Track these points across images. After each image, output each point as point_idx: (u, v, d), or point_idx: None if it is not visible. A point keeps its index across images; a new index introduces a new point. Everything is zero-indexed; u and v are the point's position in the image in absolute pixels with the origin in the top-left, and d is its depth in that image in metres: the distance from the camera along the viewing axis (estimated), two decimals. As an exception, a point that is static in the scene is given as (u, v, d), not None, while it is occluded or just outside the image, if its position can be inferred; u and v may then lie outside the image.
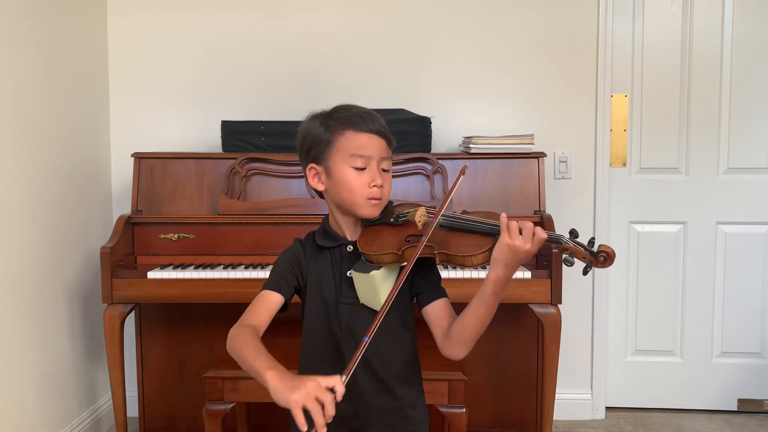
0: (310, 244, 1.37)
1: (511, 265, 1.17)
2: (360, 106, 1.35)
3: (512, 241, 1.16)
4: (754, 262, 2.93)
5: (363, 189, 1.28)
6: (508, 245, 1.16)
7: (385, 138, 1.31)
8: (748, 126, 2.89)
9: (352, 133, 1.28)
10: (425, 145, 2.59)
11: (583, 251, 1.18)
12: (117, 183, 2.90)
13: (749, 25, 2.86)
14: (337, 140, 1.29)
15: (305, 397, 1.00)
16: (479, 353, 2.67)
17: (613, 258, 1.16)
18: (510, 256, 1.17)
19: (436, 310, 1.31)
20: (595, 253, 1.17)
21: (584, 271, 1.18)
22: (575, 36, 2.83)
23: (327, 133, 1.30)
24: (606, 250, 1.16)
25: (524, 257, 1.17)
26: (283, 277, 1.31)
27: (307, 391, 1.01)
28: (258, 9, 2.85)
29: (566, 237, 1.19)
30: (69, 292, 2.55)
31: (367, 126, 1.29)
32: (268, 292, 1.30)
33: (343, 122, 1.29)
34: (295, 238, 1.39)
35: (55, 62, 2.47)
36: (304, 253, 1.35)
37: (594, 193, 2.88)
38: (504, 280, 1.18)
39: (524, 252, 1.16)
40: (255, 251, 2.45)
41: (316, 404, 1.00)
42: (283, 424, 1.33)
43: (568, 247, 1.18)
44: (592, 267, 1.17)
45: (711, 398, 2.97)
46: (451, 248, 1.22)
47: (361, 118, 1.29)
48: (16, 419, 2.21)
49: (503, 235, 1.17)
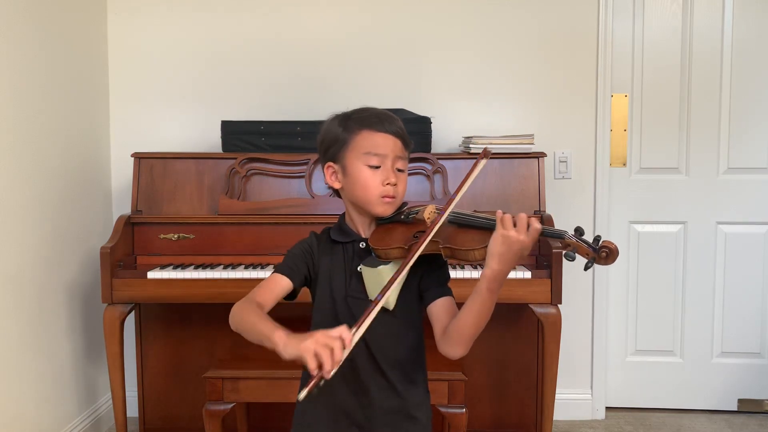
0: (325, 238, 1.39)
1: (506, 259, 1.16)
2: (379, 108, 1.37)
3: (506, 232, 1.15)
4: (754, 262, 2.93)
5: (377, 187, 1.30)
6: (501, 236, 1.15)
7: (401, 138, 1.33)
8: (748, 126, 2.89)
9: (368, 133, 1.31)
10: (425, 145, 2.59)
11: (585, 247, 1.17)
12: (117, 183, 2.90)
13: (749, 25, 2.86)
14: (353, 139, 1.31)
15: (315, 344, 1.05)
16: (479, 353, 2.67)
17: (616, 254, 1.15)
18: (504, 248, 1.15)
19: (439, 307, 1.32)
20: (598, 248, 1.16)
21: (586, 267, 1.18)
22: (575, 36, 2.83)
23: (344, 133, 1.33)
24: (608, 245, 1.16)
25: (519, 250, 1.15)
26: (295, 264, 1.34)
27: (317, 338, 1.06)
28: (258, 9, 2.85)
29: (569, 232, 1.19)
30: (69, 292, 2.55)
31: (383, 126, 1.31)
32: (278, 276, 1.33)
33: (360, 122, 1.32)
34: (312, 231, 1.42)
35: (55, 62, 2.47)
36: (318, 246, 1.37)
37: (594, 193, 2.88)
38: (499, 275, 1.17)
39: (518, 243, 1.15)
40: (255, 251, 2.45)
41: (326, 349, 1.05)
42: (283, 424, 1.34)
43: (571, 243, 1.18)
44: (595, 263, 1.17)
45: (711, 398, 2.97)
46: (456, 243, 1.23)
47: (378, 118, 1.32)
48: (16, 419, 2.20)
49: (497, 227, 1.17)
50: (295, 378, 2.04)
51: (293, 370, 2.06)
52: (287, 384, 2.08)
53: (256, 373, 2.09)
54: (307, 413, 1.36)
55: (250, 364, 2.16)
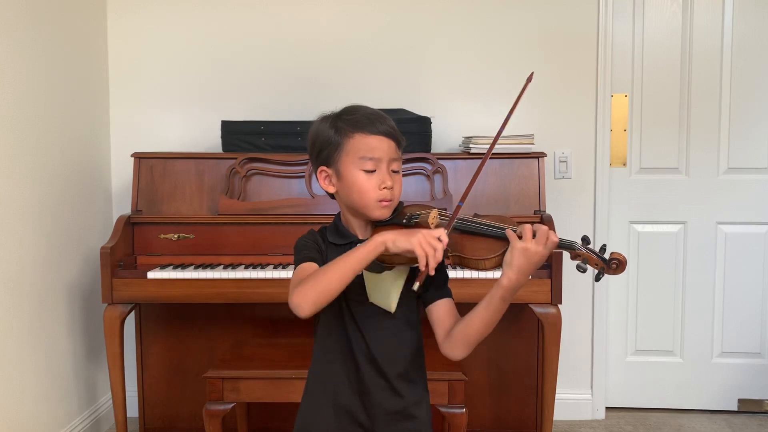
0: (324, 238, 1.37)
1: (524, 271, 1.17)
2: (368, 107, 1.35)
3: (526, 245, 1.16)
4: (754, 262, 2.93)
5: (373, 191, 1.28)
6: (522, 249, 1.17)
7: (394, 139, 1.31)
8: (748, 126, 2.89)
9: (361, 136, 1.29)
10: (425, 145, 2.59)
11: (595, 258, 1.19)
12: (117, 183, 2.90)
13: (749, 25, 2.86)
14: (347, 143, 1.29)
15: (423, 241, 1.14)
16: (479, 353, 2.67)
17: (625, 265, 1.18)
18: (524, 261, 1.17)
19: (440, 308, 1.32)
20: (608, 260, 1.18)
21: (596, 278, 1.19)
22: (575, 36, 2.83)
23: (336, 136, 1.30)
24: (618, 257, 1.18)
25: (538, 262, 1.17)
26: (316, 253, 1.31)
27: (424, 235, 1.15)
28: (258, 9, 2.85)
29: (579, 243, 1.20)
30: (69, 292, 2.55)
31: (376, 128, 1.29)
32: (308, 263, 1.28)
33: (352, 125, 1.30)
34: (310, 229, 1.39)
35: (55, 62, 2.47)
36: (322, 242, 1.36)
37: (594, 193, 2.88)
38: (516, 286, 1.19)
39: (537, 255, 1.16)
40: (255, 251, 2.45)
41: (431, 248, 1.13)
42: (284, 424, 1.34)
43: (581, 254, 1.19)
44: (605, 273, 1.18)
45: (711, 398, 2.97)
46: (465, 251, 1.23)
47: (369, 120, 1.30)
48: (16, 419, 2.21)
49: (514, 239, 1.18)
50: (295, 378, 2.06)
51: (293, 370, 2.08)
52: (287, 384, 2.08)
53: (256, 373, 2.09)
54: (310, 413, 1.36)
55: (250, 364, 2.16)
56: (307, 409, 1.37)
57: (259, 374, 2.09)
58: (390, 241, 1.16)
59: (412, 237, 1.15)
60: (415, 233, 1.15)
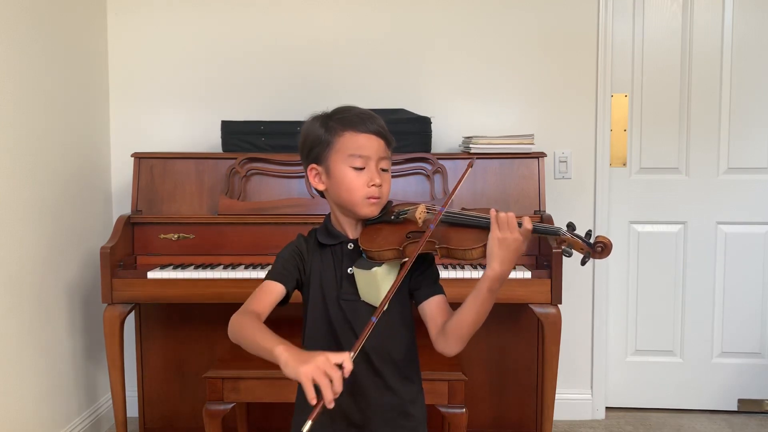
0: (312, 240, 1.38)
1: (506, 260, 1.18)
2: (359, 108, 1.37)
3: (501, 234, 1.18)
4: (754, 262, 2.93)
5: (362, 188, 1.30)
6: (498, 239, 1.18)
7: (383, 138, 1.33)
8: (748, 126, 2.89)
9: (350, 134, 1.31)
10: (425, 145, 2.59)
11: (580, 242, 1.20)
12: (117, 183, 2.90)
13: (749, 25, 2.86)
14: (337, 141, 1.31)
15: (315, 371, 1.03)
16: (479, 353, 2.68)
17: (611, 248, 1.18)
18: (503, 251, 1.18)
19: (433, 306, 1.32)
20: (593, 244, 1.19)
21: (582, 262, 1.20)
22: (575, 36, 2.83)
23: (327, 134, 1.32)
24: (603, 240, 1.19)
25: (516, 249, 1.18)
26: (286, 269, 1.33)
27: (317, 365, 1.04)
28: (258, 9, 2.85)
29: (563, 229, 1.22)
30: (69, 292, 2.55)
31: (366, 127, 1.31)
32: (270, 283, 1.31)
33: (342, 123, 1.32)
34: (299, 233, 1.41)
35: (55, 62, 2.47)
36: (306, 248, 1.37)
37: (594, 193, 2.88)
38: (500, 276, 1.19)
39: (514, 242, 1.18)
40: (255, 251, 2.45)
41: (326, 379, 1.03)
42: (283, 424, 1.34)
43: (566, 239, 1.21)
44: (590, 257, 1.19)
45: (711, 398, 2.97)
46: (452, 243, 1.25)
47: (359, 119, 1.32)
48: (16, 419, 2.21)
49: (493, 229, 1.19)
50: (295, 378, 2.06)
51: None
52: (287, 384, 2.07)
53: (256, 373, 2.09)
54: (304, 417, 1.36)
55: (250, 364, 2.15)
56: (300, 414, 1.37)
57: (259, 374, 2.09)
58: (282, 363, 1.08)
59: (305, 364, 1.04)
60: (314, 357, 1.05)
